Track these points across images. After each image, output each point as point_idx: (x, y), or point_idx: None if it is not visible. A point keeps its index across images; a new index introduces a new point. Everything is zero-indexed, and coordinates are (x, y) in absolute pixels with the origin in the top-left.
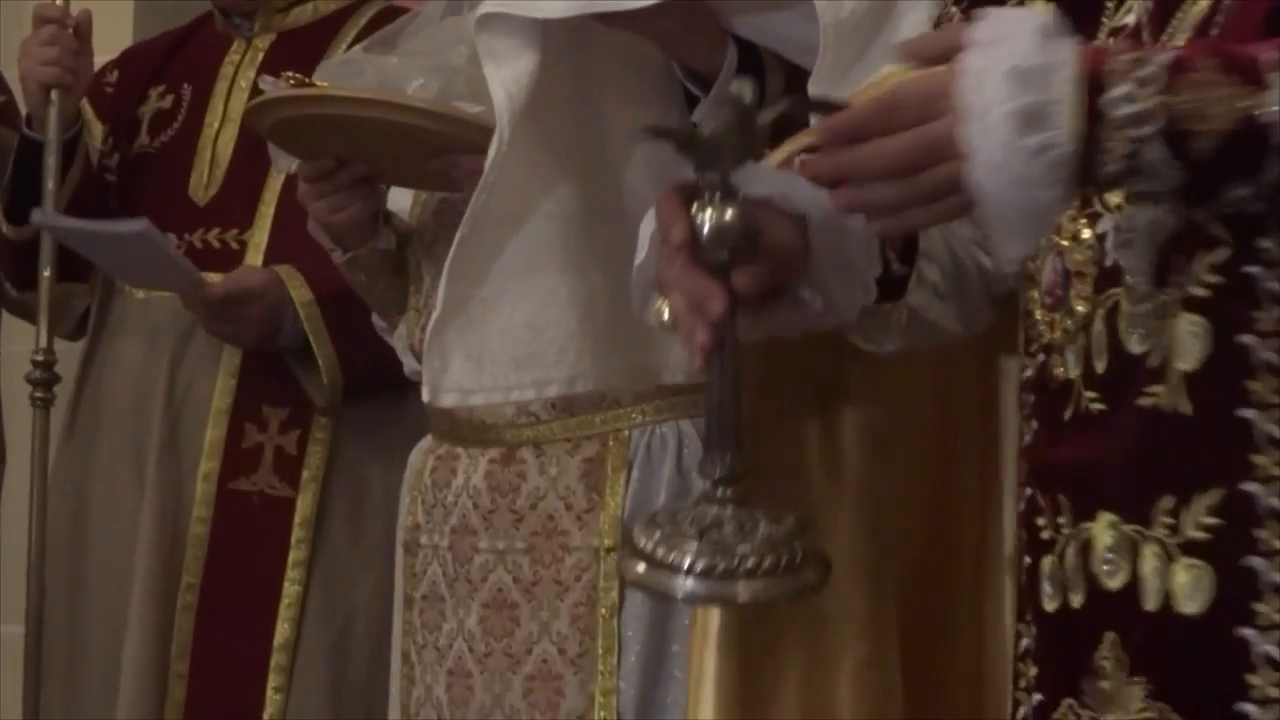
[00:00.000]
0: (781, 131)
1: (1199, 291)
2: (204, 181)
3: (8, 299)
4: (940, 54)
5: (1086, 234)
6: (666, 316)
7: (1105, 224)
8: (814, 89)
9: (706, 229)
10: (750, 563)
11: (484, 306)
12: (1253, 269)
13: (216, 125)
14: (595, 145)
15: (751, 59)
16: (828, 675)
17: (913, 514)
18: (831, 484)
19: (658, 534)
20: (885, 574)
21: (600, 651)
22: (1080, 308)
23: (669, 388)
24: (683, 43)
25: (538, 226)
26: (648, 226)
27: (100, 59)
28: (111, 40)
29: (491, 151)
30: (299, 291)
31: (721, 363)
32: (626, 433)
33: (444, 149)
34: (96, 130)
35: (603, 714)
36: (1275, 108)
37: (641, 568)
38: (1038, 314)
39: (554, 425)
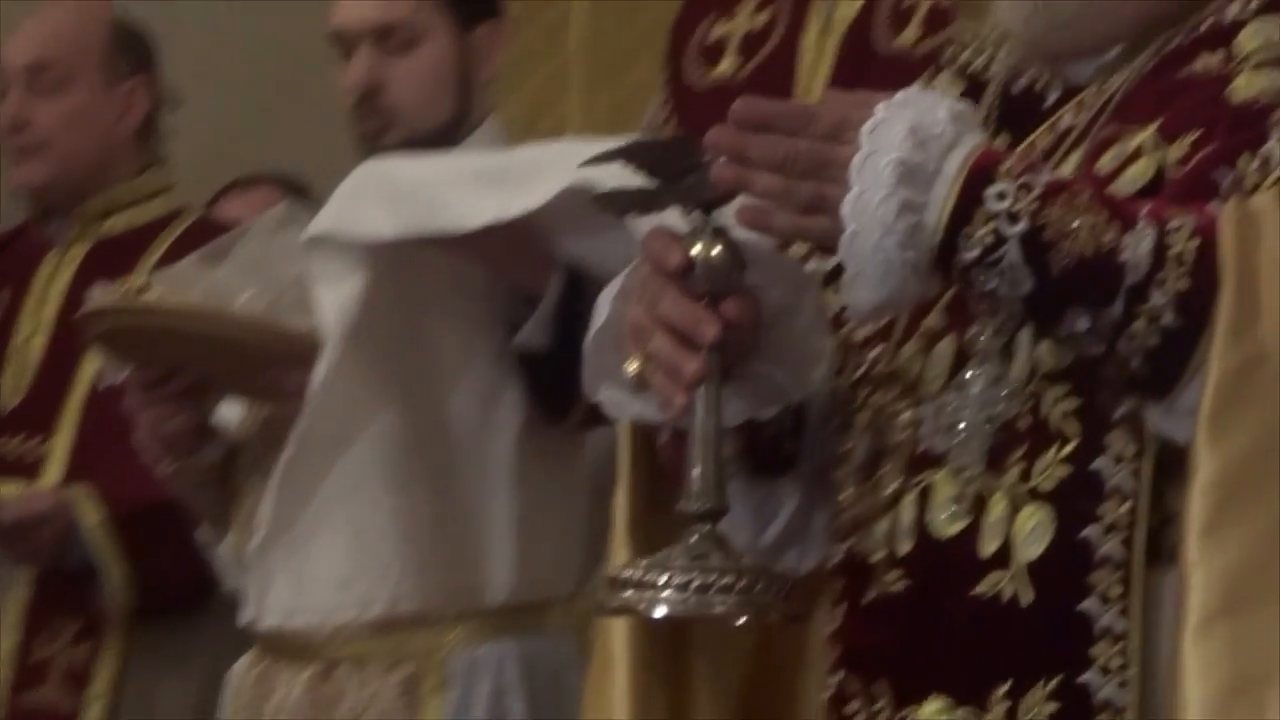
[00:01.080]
0: None
1: (1044, 483)
2: (11, 387)
3: None
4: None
5: (905, 415)
6: (634, 369)
7: (926, 409)
8: None
9: (699, 260)
10: (728, 580)
11: (308, 527)
12: (1099, 464)
13: (28, 332)
14: (421, 366)
15: (578, 282)
16: None
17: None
18: None
19: (643, 563)
20: None
21: None
22: (891, 487)
23: (490, 607)
24: (510, 265)
25: (364, 448)
26: (606, 296)
27: None
28: None
29: (320, 371)
30: (88, 514)
31: (708, 395)
32: (445, 653)
33: (271, 363)
34: None
35: None
36: (1132, 252)
37: (625, 593)
38: (848, 491)
39: (373, 643)
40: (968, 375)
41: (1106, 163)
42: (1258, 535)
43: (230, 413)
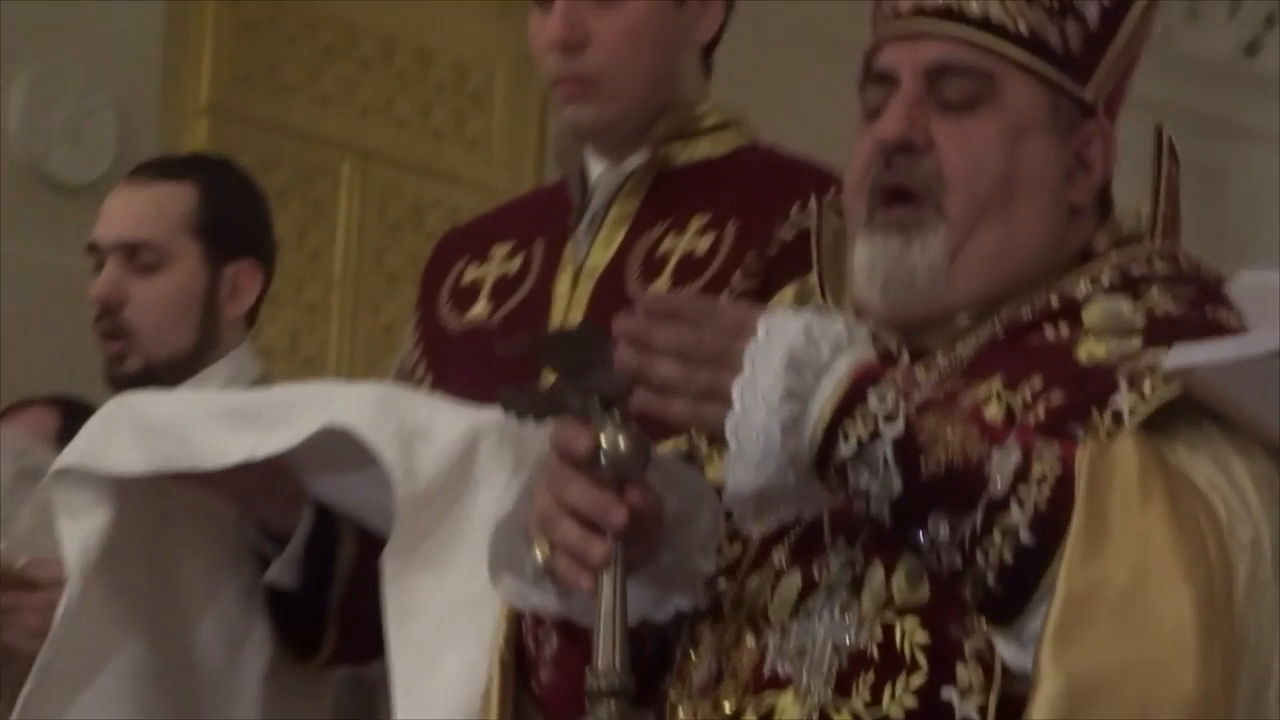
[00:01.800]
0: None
1: (893, 710)
2: None
3: None
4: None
5: (749, 640)
6: (541, 558)
7: (771, 635)
8: (389, 557)
9: (606, 448)
10: None
11: None
12: (948, 694)
13: None
14: (169, 601)
15: (327, 521)
16: None
17: None
18: None
19: None
20: None
21: None
22: (730, 706)
23: None
24: (261, 502)
25: (107, 682)
26: (518, 494)
27: None
28: None
29: (61, 607)
30: None
31: (614, 577)
32: None
33: (9, 603)
34: None
35: None
36: (998, 466)
37: None
38: (681, 710)
39: None
40: (815, 605)
41: (973, 397)
42: None
43: None
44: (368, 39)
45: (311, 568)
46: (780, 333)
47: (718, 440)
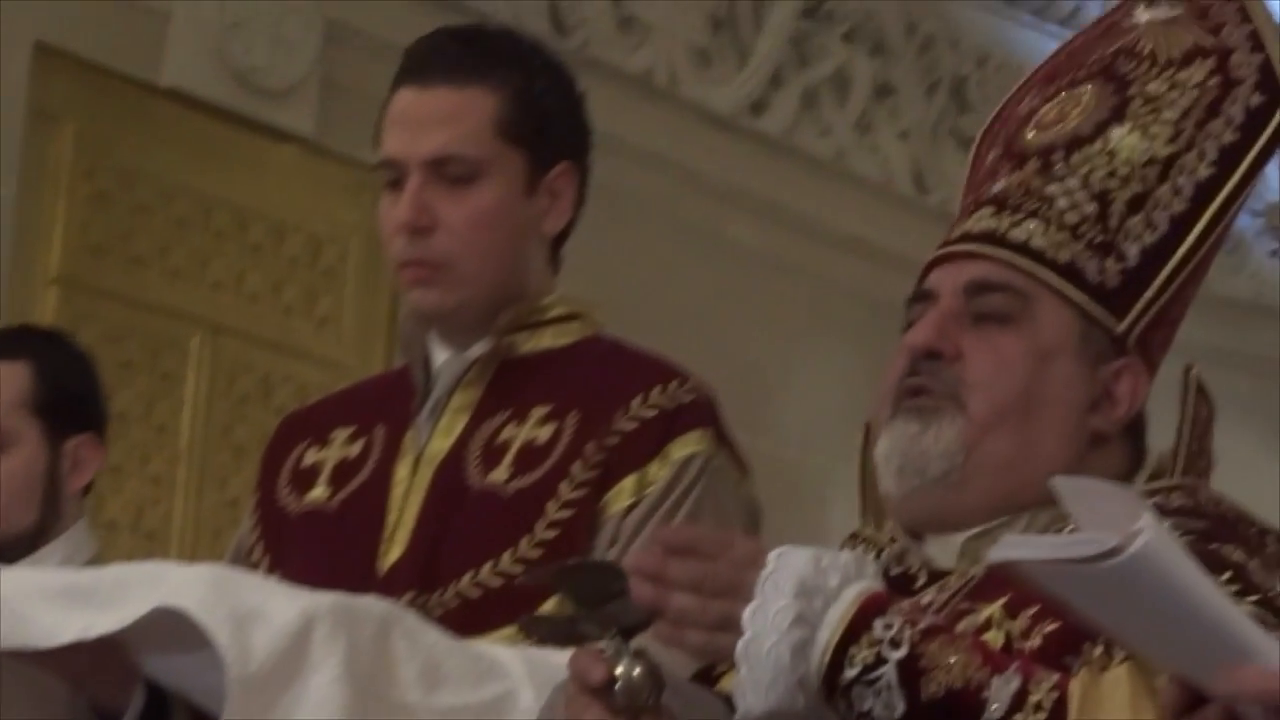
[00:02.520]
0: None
1: None
2: None
3: None
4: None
5: None
6: None
7: None
8: None
9: (620, 678)
10: None
11: None
12: None
13: None
14: None
15: (160, 700)
16: None
17: None
18: None
19: None
20: None
21: None
22: None
23: None
24: (94, 681)
25: None
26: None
27: None
28: None
29: None
30: None
31: None
32: None
33: None
34: None
35: None
36: (997, 692)
37: None
38: None
39: None
40: None
41: (969, 623)
42: None
43: None
44: (222, 212)
45: None
46: (790, 562)
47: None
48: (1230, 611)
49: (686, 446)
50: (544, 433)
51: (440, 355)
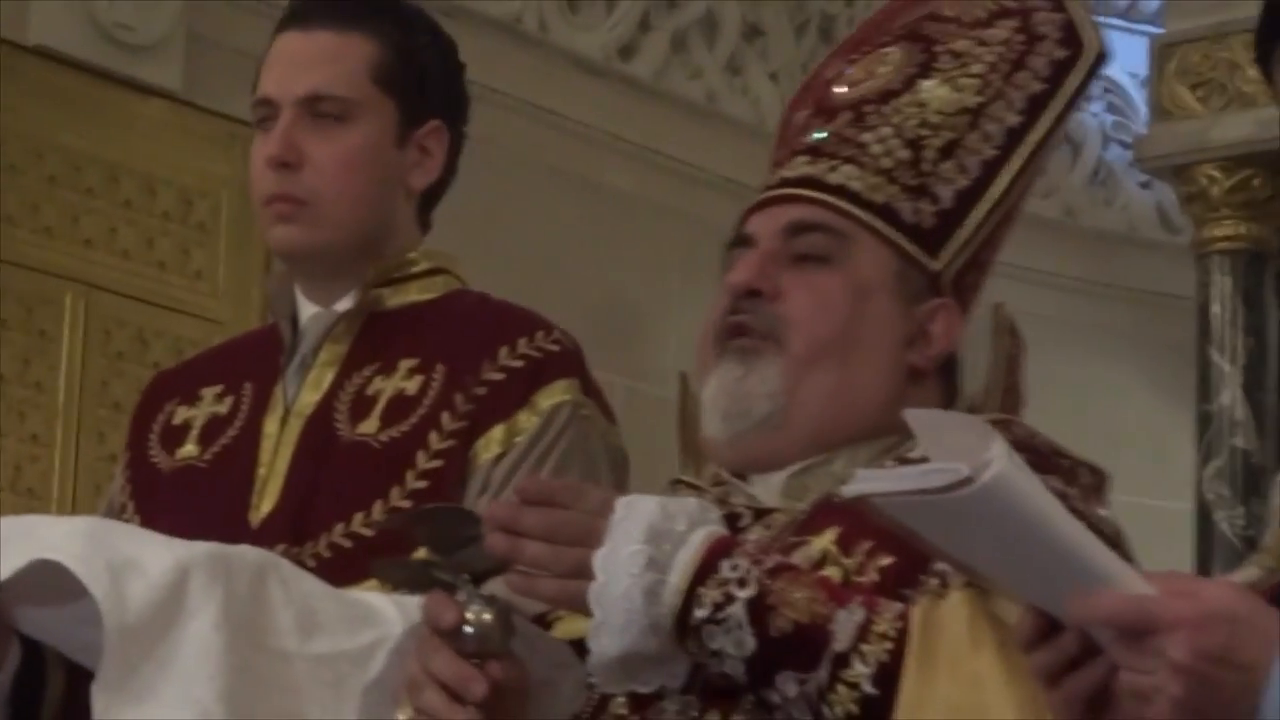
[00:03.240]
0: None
1: None
2: None
3: None
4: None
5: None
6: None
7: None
8: (99, 690)
9: (471, 623)
10: None
11: None
12: None
13: None
14: None
15: (36, 656)
16: None
17: None
18: None
19: None
20: None
21: None
22: None
23: None
24: None
25: None
26: (387, 660)
27: None
28: None
29: None
30: None
31: None
32: None
33: None
34: None
35: None
36: (841, 625)
37: None
38: None
39: None
40: None
41: (804, 554)
42: None
43: None
44: (92, 169)
45: (19, 703)
46: (639, 509)
47: (585, 614)
48: (1082, 537)
49: (554, 395)
50: (413, 384)
51: (307, 310)
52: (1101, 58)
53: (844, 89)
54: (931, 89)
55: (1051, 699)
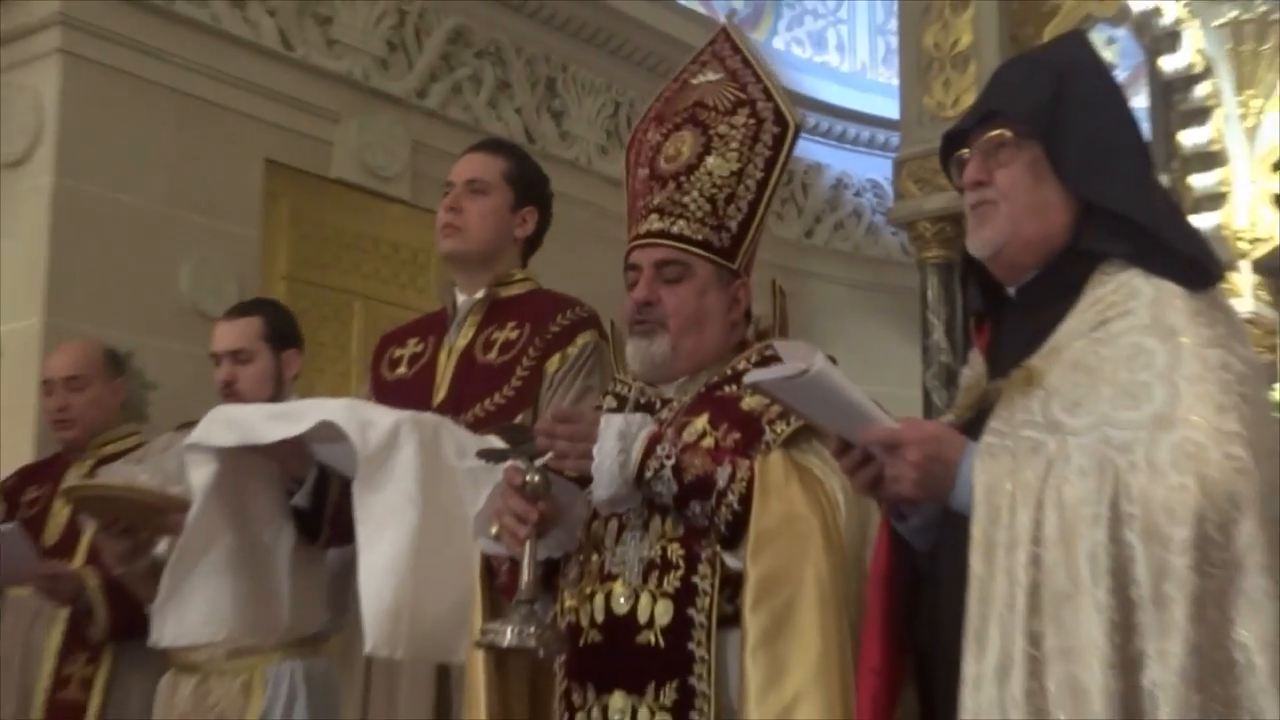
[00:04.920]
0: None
1: (668, 588)
2: (54, 528)
3: None
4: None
5: (595, 557)
6: (495, 531)
7: (607, 553)
8: (356, 488)
9: (529, 482)
10: (534, 632)
11: (183, 594)
12: (695, 579)
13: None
14: (243, 511)
15: (324, 470)
16: None
17: None
18: None
19: (496, 623)
20: None
21: None
22: (590, 589)
23: (284, 641)
24: (290, 461)
25: (215, 553)
26: (488, 499)
27: None
28: None
29: (191, 512)
30: (91, 581)
31: (530, 545)
32: (262, 667)
33: (161, 511)
34: None
35: None
36: (721, 475)
37: (486, 636)
38: (569, 591)
39: (225, 663)
40: (627, 537)
41: (688, 434)
42: (777, 606)
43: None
44: (366, 239)
45: (316, 496)
46: (614, 422)
47: (588, 481)
48: (862, 397)
49: (584, 339)
50: (513, 335)
51: (460, 297)
52: (798, 129)
53: (666, 164)
54: (712, 163)
55: (852, 483)
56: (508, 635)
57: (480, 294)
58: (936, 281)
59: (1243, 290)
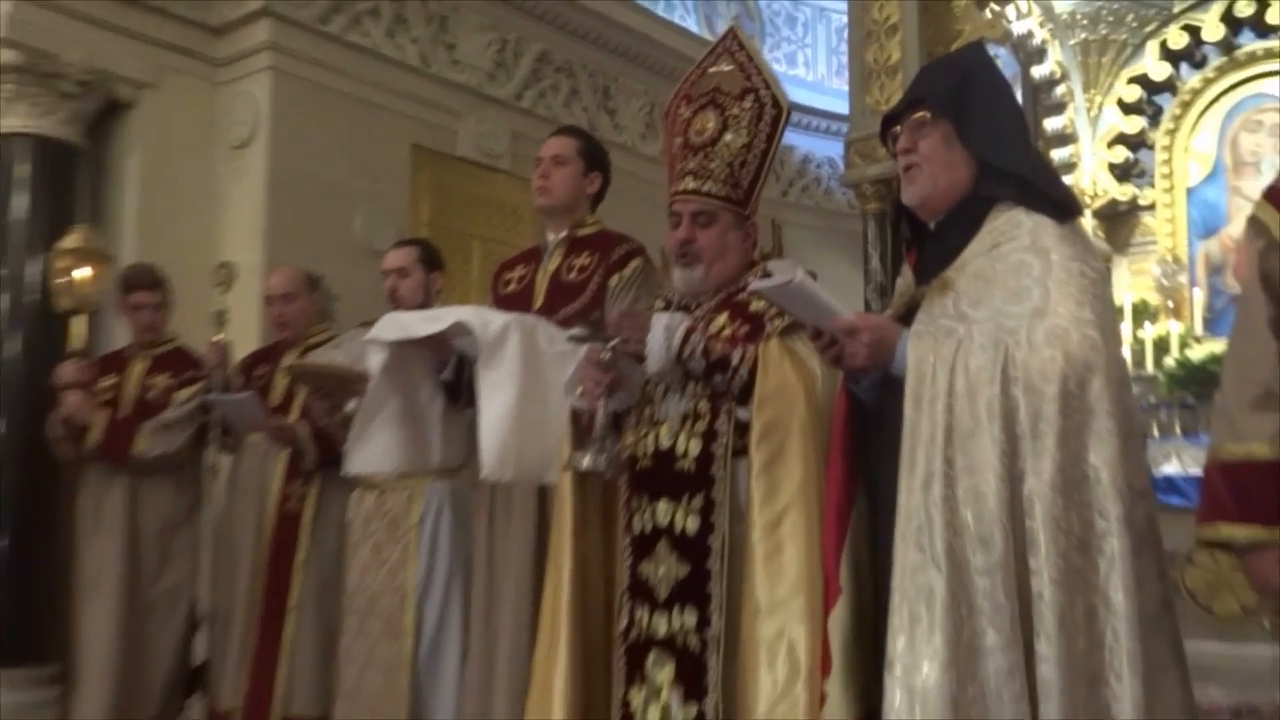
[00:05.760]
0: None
1: (699, 429)
2: (276, 394)
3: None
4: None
5: (647, 410)
6: (579, 391)
7: (658, 406)
8: (479, 367)
9: (603, 357)
10: (607, 458)
11: (366, 437)
12: (717, 425)
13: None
14: (409, 384)
15: (461, 358)
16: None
17: None
18: None
19: (578, 452)
20: None
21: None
22: (644, 431)
23: (437, 469)
24: (435, 349)
25: (387, 412)
26: (574, 370)
27: None
28: None
29: (371, 383)
30: (303, 430)
31: (605, 401)
32: (421, 486)
33: (352, 383)
34: None
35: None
36: (737, 357)
37: (572, 461)
38: (629, 431)
39: (395, 482)
40: (671, 395)
41: (713, 327)
42: (773, 445)
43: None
44: (481, 201)
45: (456, 373)
46: (661, 318)
47: (642, 360)
48: (831, 300)
49: (635, 264)
50: (587, 262)
51: (550, 237)
52: (789, 109)
53: (697, 137)
54: (729, 138)
55: (822, 358)
56: (586, 461)
57: (564, 234)
58: (874, 226)
59: (1086, 230)
